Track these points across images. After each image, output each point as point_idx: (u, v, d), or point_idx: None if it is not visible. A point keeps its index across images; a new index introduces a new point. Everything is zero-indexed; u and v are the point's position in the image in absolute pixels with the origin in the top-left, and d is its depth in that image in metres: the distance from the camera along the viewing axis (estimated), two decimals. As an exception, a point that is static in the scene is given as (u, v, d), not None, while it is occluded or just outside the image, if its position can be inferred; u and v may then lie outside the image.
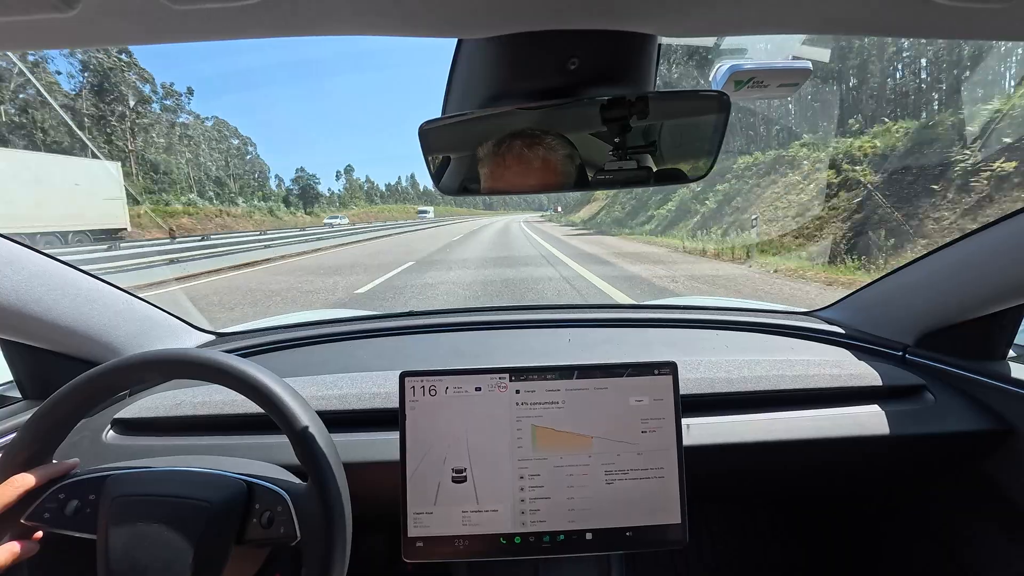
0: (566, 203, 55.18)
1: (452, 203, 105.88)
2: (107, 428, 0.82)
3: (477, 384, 0.69)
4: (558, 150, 0.57)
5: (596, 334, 1.12)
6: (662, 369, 0.69)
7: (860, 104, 17.70)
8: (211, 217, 31.02)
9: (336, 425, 0.71)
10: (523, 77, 0.50)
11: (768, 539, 1.25)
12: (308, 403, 0.60)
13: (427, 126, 0.56)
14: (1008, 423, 0.80)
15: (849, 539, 1.14)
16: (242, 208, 38.59)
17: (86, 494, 0.58)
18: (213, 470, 0.60)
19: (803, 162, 12.76)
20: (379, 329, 1.16)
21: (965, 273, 0.82)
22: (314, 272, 9.53)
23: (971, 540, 0.89)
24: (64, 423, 0.59)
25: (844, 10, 0.40)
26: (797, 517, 1.24)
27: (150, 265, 9.37)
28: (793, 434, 0.80)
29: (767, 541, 1.25)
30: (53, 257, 0.78)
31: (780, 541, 1.25)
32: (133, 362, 0.59)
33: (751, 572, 1.23)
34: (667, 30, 0.46)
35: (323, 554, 0.54)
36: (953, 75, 15.04)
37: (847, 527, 1.15)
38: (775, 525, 1.25)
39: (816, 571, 1.20)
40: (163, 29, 0.39)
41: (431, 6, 0.38)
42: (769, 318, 1.15)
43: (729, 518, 1.25)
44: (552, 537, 0.67)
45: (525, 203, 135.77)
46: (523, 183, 0.58)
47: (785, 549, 1.24)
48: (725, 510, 1.24)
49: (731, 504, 1.25)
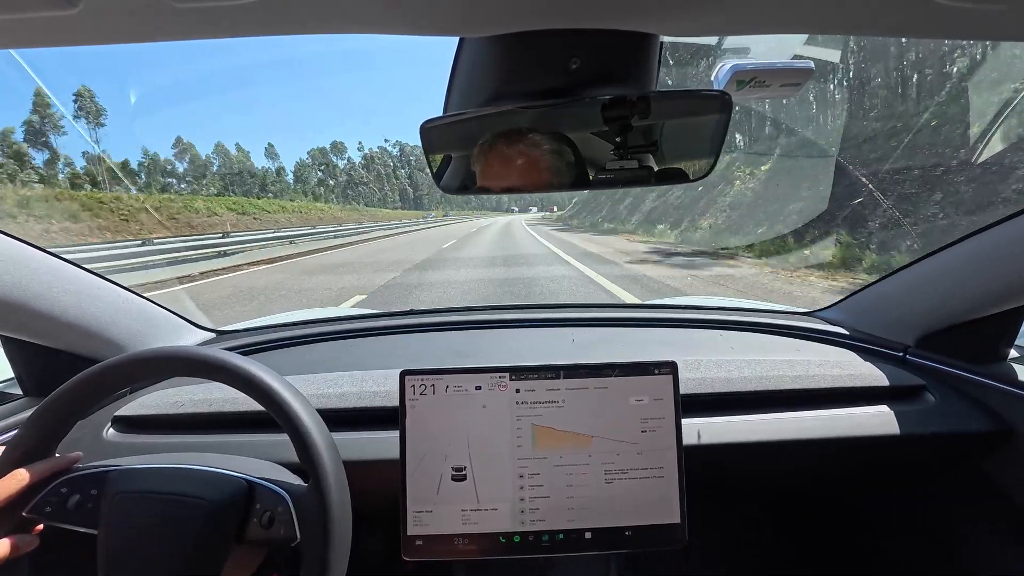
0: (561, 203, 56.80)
1: (450, 204, 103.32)
2: (108, 425, 0.82)
3: (477, 383, 0.69)
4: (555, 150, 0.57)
5: (596, 333, 1.12)
6: (662, 369, 0.69)
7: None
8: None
9: (336, 423, 0.71)
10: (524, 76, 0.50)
11: (768, 539, 1.25)
12: (309, 401, 0.60)
13: (428, 125, 0.56)
14: (1008, 424, 0.80)
15: (849, 539, 1.14)
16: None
17: (88, 489, 0.58)
18: (215, 469, 0.60)
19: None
20: (379, 328, 1.16)
21: (966, 274, 0.82)
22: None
23: (970, 540, 0.89)
24: (65, 420, 0.59)
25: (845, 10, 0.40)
26: (797, 517, 1.24)
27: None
28: (793, 434, 0.80)
29: (767, 541, 1.25)
30: (54, 254, 0.78)
31: (780, 541, 1.25)
32: (134, 359, 0.59)
33: (751, 572, 1.23)
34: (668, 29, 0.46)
35: (323, 556, 0.54)
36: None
37: (847, 527, 1.15)
38: (775, 525, 1.25)
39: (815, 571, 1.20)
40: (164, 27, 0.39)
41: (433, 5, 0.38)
42: (769, 318, 1.15)
43: (729, 518, 1.25)
44: (552, 536, 0.67)
45: (524, 202, 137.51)
46: (520, 182, 0.58)
47: (785, 549, 1.24)
48: (725, 510, 1.24)
49: (731, 504, 1.25)
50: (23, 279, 0.72)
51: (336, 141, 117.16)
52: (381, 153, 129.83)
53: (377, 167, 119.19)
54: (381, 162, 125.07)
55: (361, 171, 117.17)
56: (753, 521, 1.26)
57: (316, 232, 21.56)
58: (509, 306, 1.28)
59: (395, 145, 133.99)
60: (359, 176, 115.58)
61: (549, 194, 0.66)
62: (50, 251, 0.77)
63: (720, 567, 1.21)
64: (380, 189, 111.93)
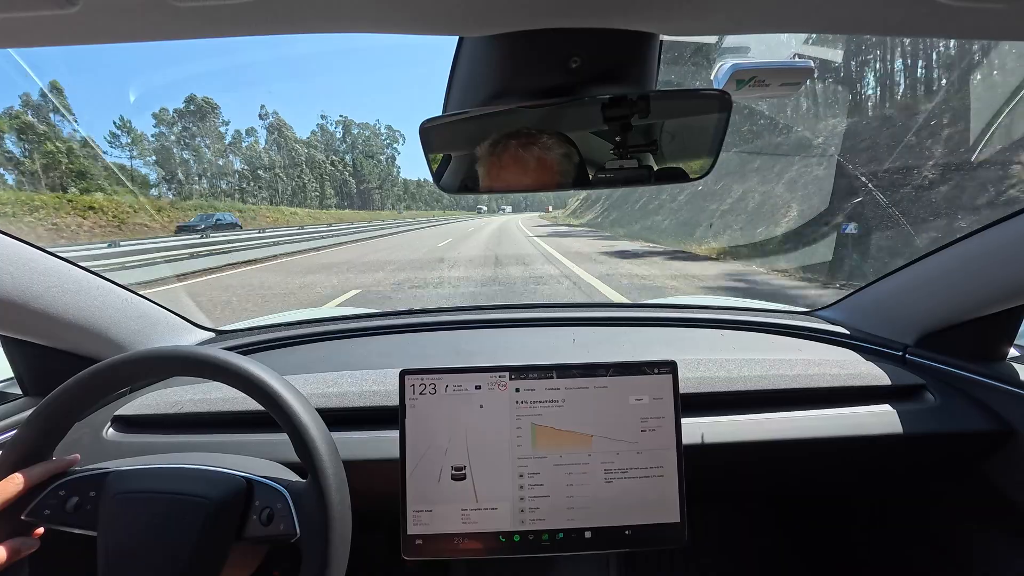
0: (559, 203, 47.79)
1: (408, 202, 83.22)
2: (107, 425, 0.82)
3: (477, 382, 0.69)
4: (555, 149, 0.57)
5: (596, 333, 1.12)
6: (662, 368, 0.69)
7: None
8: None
9: (336, 423, 0.71)
10: (524, 75, 0.50)
11: (768, 539, 1.25)
12: (308, 401, 0.60)
13: (428, 124, 0.56)
14: (1008, 424, 0.80)
15: (848, 539, 1.14)
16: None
17: (87, 490, 0.58)
18: (213, 467, 0.60)
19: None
20: (379, 327, 1.16)
21: (966, 273, 0.82)
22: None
23: (970, 540, 0.89)
24: (64, 420, 0.59)
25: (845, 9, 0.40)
26: (797, 517, 1.24)
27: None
28: (793, 434, 0.80)
29: (767, 541, 1.25)
30: (53, 253, 0.78)
31: (780, 541, 1.25)
32: (133, 359, 0.59)
33: (750, 572, 1.23)
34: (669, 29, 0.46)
35: (322, 552, 0.54)
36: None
37: (846, 527, 1.15)
38: (775, 525, 1.25)
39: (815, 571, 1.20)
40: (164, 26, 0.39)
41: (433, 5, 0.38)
42: (769, 317, 1.15)
43: (729, 518, 1.25)
44: (551, 535, 0.67)
45: (497, 202, 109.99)
46: (520, 182, 0.58)
47: (785, 549, 1.24)
48: (725, 510, 1.24)
49: (731, 504, 1.25)
50: (23, 279, 0.72)
51: (204, 98, 63.35)
52: (321, 132, 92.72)
53: (297, 148, 76.73)
54: (312, 144, 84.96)
55: (265, 153, 72.93)
56: (752, 520, 1.26)
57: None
58: (509, 305, 1.28)
59: (338, 123, 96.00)
60: (259, 161, 70.50)
61: (524, 193, 0.66)
62: (50, 251, 0.77)
63: (720, 567, 1.22)
64: (297, 179, 72.08)
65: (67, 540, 0.58)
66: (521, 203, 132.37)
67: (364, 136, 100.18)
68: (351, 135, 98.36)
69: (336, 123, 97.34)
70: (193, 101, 63.93)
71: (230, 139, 69.61)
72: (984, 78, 10.03)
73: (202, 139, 65.25)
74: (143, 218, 23.22)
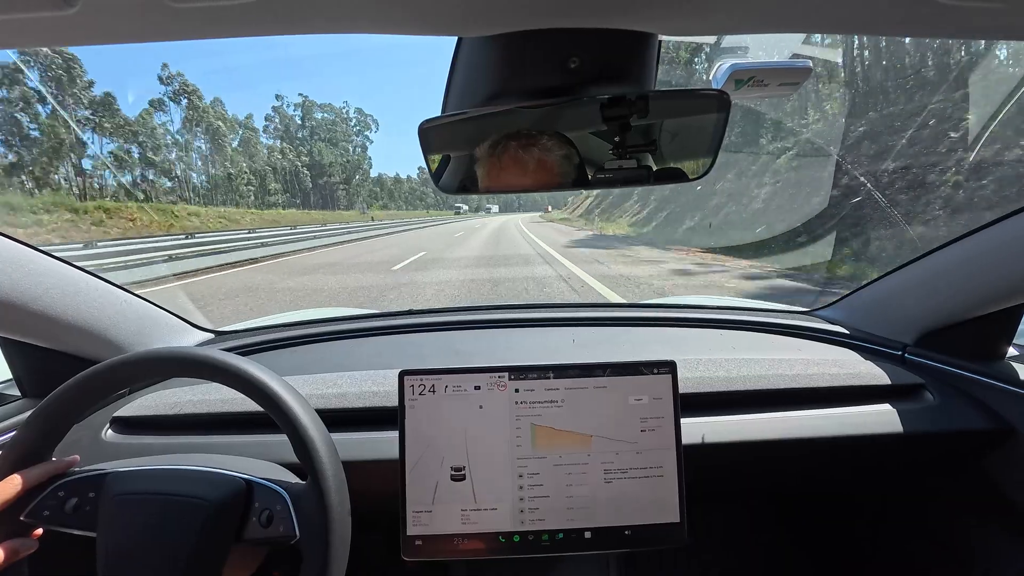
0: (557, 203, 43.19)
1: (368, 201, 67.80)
2: (106, 426, 0.82)
3: (476, 383, 0.69)
4: (554, 151, 0.58)
5: (595, 333, 1.12)
6: (661, 368, 0.69)
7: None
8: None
9: (335, 424, 0.71)
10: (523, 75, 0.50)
11: (768, 539, 1.25)
12: (307, 401, 0.60)
13: (426, 125, 0.56)
14: (1007, 423, 0.80)
15: (848, 538, 1.14)
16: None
17: (86, 491, 0.58)
18: (212, 468, 0.60)
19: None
20: (378, 328, 1.16)
21: (965, 272, 0.82)
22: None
23: (969, 539, 0.89)
24: (63, 421, 0.59)
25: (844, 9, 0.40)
26: (797, 516, 1.24)
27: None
28: (793, 433, 0.80)
29: (767, 541, 1.25)
30: (52, 255, 0.78)
31: (780, 541, 1.25)
32: (132, 360, 0.59)
33: (750, 572, 1.23)
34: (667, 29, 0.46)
35: (322, 553, 0.54)
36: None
37: (847, 526, 1.15)
38: (775, 525, 1.25)
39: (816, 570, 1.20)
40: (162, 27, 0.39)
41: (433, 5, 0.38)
42: (769, 317, 1.15)
43: (729, 518, 1.25)
44: (551, 536, 0.67)
45: (475, 202, 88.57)
46: (520, 183, 0.58)
47: (785, 549, 1.24)
48: (725, 510, 1.24)
49: (731, 504, 1.25)
50: (21, 280, 0.72)
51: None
52: (281, 118, 74.03)
53: (220, 125, 54.41)
54: (248, 126, 63.79)
55: (178, 134, 52.12)
56: (752, 520, 1.26)
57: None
58: (509, 306, 1.28)
59: (297, 106, 78.00)
60: (165, 149, 49.33)
61: (522, 193, 0.65)
62: (48, 252, 0.77)
63: (720, 566, 1.22)
64: (222, 167, 53.11)
65: (66, 541, 0.58)
66: (514, 203, 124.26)
67: (329, 121, 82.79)
68: (312, 119, 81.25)
69: (295, 105, 79.53)
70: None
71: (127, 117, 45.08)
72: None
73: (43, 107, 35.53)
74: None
